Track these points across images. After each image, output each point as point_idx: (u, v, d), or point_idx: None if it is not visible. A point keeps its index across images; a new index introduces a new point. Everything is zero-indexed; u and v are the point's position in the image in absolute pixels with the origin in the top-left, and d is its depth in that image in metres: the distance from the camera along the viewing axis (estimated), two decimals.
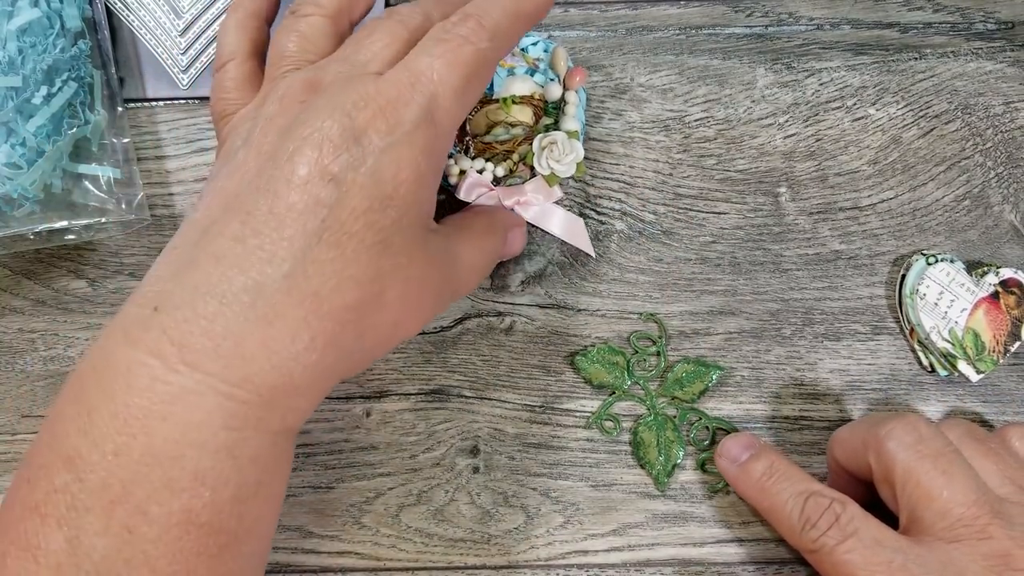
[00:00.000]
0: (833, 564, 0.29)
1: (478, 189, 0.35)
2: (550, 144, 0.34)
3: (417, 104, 0.25)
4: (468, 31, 0.26)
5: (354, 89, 0.25)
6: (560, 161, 0.34)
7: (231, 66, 0.30)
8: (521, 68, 0.36)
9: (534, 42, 0.36)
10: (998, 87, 0.39)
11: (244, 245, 0.24)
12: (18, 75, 0.33)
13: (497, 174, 0.35)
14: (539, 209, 0.36)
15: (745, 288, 0.37)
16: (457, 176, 0.35)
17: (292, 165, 0.24)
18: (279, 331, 0.24)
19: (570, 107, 0.35)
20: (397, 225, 0.25)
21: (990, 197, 0.38)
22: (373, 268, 0.25)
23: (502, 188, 0.35)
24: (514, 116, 0.35)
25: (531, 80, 0.35)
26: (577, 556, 0.35)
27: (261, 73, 0.31)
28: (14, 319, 0.37)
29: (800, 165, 0.38)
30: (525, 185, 0.35)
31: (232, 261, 0.24)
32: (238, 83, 0.30)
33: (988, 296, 0.36)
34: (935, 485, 0.29)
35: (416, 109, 0.25)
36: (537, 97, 0.35)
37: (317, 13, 0.29)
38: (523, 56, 0.36)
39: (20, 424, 0.36)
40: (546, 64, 0.36)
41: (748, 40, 0.39)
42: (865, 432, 0.32)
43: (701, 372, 0.36)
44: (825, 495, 0.31)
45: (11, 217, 0.34)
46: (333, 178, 0.24)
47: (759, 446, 0.34)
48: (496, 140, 0.35)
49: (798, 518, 0.30)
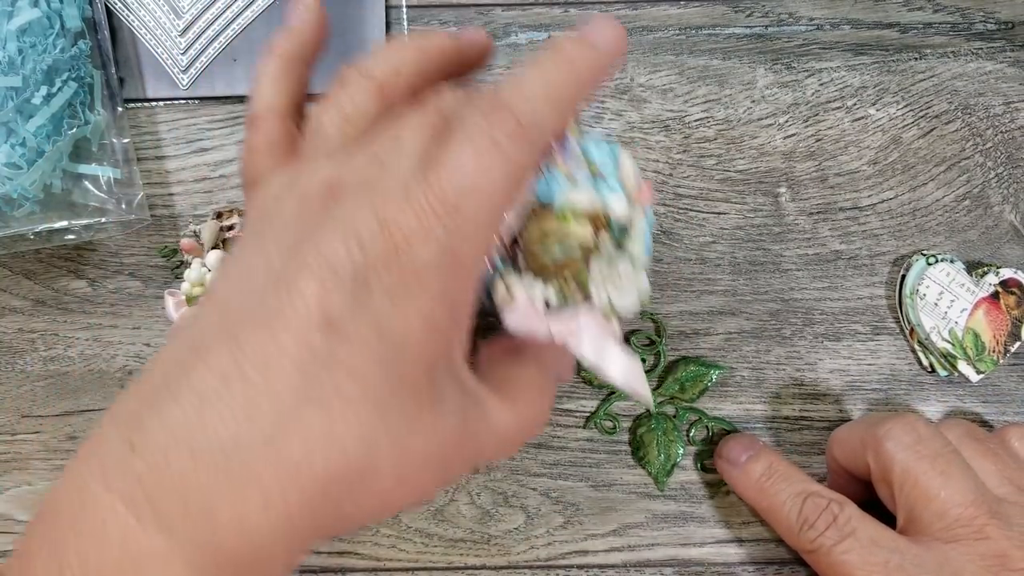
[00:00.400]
0: (830, 564, 0.29)
1: (527, 317, 0.30)
2: (611, 271, 0.30)
3: (436, 240, 0.22)
4: (504, 136, 0.23)
5: (373, 210, 0.23)
6: (621, 292, 0.30)
7: (262, 125, 0.28)
8: (582, 175, 0.31)
9: (598, 145, 0.32)
10: (998, 87, 0.39)
11: (228, 389, 0.21)
12: (18, 75, 0.33)
13: (548, 298, 0.30)
14: (593, 344, 0.31)
15: (745, 288, 0.37)
16: (504, 297, 0.30)
17: (291, 297, 0.22)
18: (252, 498, 0.21)
19: (636, 228, 0.31)
20: (399, 388, 0.22)
21: (990, 197, 0.38)
22: (365, 435, 0.22)
23: (552, 316, 0.30)
24: (571, 231, 0.30)
25: (593, 191, 0.31)
26: (577, 556, 0.35)
27: (296, 131, 0.28)
28: (14, 319, 0.37)
29: (800, 165, 0.38)
30: (580, 315, 0.30)
31: (213, 407, 0.21)
32: (269, 145, 0.28)
33: (988, 296, 0.36)
34: (933, 485, 0.29)
35: (435, 247, 0.22)
36: (598, 212, 0.31)
37: (364, 89, 0.26)
38: (585, 162, 0.31)
39: (20, 424, 0.36)
40: (612, 174, 0.31)
41: (748, 40, 0.39)
42: (864, 432, 0.32)
43: (701, 372, 0.36)
44: (823, 496, 0.31)
45: (11, 217, 0.34)
46: (331, 324, 0.22)
47: (758, 447, 0.34)
48: (549, 255, 0.31)
49: (796, 518, 0.31)
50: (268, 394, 0.21)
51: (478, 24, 0.39)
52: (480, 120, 0.23)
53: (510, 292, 0.30)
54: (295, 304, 0.22)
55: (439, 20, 0.39)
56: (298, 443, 0.21)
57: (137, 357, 0.37)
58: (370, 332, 0.22)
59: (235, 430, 0.21)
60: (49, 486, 0.36)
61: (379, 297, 0.22)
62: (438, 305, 0.23)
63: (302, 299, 0.22)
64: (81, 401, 0.37)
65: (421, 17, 0.39)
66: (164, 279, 0.37)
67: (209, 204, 0.38)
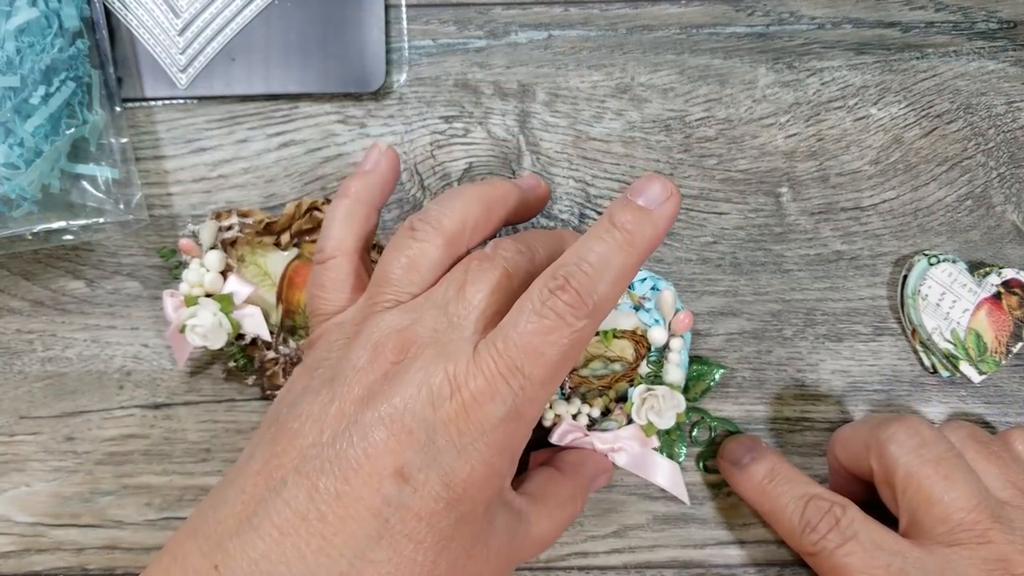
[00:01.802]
0: (833, 567, 0.29)
1: (572, 435, 0.33)
2: (651, 397, 0.33)
3: (503, 401, 0.24)
4: (569, 310, 0.25)
5: (444, 366, 0.25)
6: (660, 414, 0.33)
7: (331, 264, 0.29)
8: (626, 304, 0.35)
9: (642, 279, 0.35)
10: (1000, 87, 0.38)
11: (307, 526, 0.24)
12: (16, 75, 0.33)
13: (592, 415, 0.34)
14: (634, 456, 0.34)
15: (746, 289, 0.37)
16: (552, 419, 0.33)
17: (365, 449, 0.24)
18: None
19: (673, 355, 0.34)
20: (460, 523, 0.25)
21: (992, 197, 0.38)
22: (429, 569, 0.24)
23: (596, 434, 0.34)
24: (614, 351, 0.34)
25: (635, 315, 0.34)
26: (577, 558, 0.35)
27: (364, 271, 0.30)
28: (12, 320, 0.37)
29: (801, 165, 0.38)
30: (621, 431, 0.34)
31: (293, 541, 0.23)
32: (337, 283, 0.29)
33: (990, 297, 0.36)
34: (936, 490, 0.29)
35: (501, 407, 0.25)
36: (640, 333, 0.34)
37: (433, 240, 0.28)
38: (628, 293, 0.34)
39: (18, 425, 0.36)
40: (652, 304, 0.34)
41: (749, 39, 0.39)
42: (867, 434, 0.31)
43: (704, 371, 0.36)
44: (825, 498, 0.30)
45: (9, 218, 0.34)
46: (402, 474, 0.24)
47: (760, 449, 0.34)
48: (593, 375, 0.34)
49: (798, 521, 0.30)
50: (343, 534, 0.23)
51: (478, 24, 0.39)
52: (547, 295, 0.25)
53: (557, 416, 0.33)
54: (369, 454, 0.24)
55: (439, 19, 0.39)
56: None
57: (135, 358, 0.37)
58: (437, 481, 0.24)
59: (313, 564, 0.23)
60: (46, 487, 0.36)
61: (446, 450, 0.24)
62: (499, 455, 0.25)
63: (376, 449, 0.24)
64: (79, 402, 0.36)
65: (421, 16, 0.39)
66: (162, 280, 0.37)
67: (207, 204, 0.38)
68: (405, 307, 0.27)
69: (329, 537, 0.23)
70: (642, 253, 0.26)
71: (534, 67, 0.38)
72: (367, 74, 0.38)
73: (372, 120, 0.38)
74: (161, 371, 0.37)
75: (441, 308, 0.26)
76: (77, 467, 0.36)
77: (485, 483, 0.25)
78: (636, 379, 0.34)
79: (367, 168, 0.31)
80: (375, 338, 0.26)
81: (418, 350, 0.25)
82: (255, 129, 0.38)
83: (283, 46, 0.38)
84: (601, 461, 0.34)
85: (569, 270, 0.25)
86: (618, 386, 0.34)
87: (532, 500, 0.29)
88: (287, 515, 0.24)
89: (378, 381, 0.25)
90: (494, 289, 0.26)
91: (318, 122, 0.38)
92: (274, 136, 0.38)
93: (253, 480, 0.25)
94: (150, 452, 0.36)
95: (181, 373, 0.37)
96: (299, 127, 0.38)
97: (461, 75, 0.38)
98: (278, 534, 0.24)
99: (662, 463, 0.34)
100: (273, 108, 0.38)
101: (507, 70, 0.38)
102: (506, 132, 0.38)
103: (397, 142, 0.38)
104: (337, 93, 0.38)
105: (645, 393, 0.33)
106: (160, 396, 0.37)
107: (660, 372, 0.34)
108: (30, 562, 0.36)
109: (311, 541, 0.23)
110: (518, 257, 0.27)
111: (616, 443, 0.33)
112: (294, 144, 0.38)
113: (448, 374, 0.25)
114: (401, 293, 0.28)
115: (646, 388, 0.33)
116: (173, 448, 0.36)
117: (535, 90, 0.38)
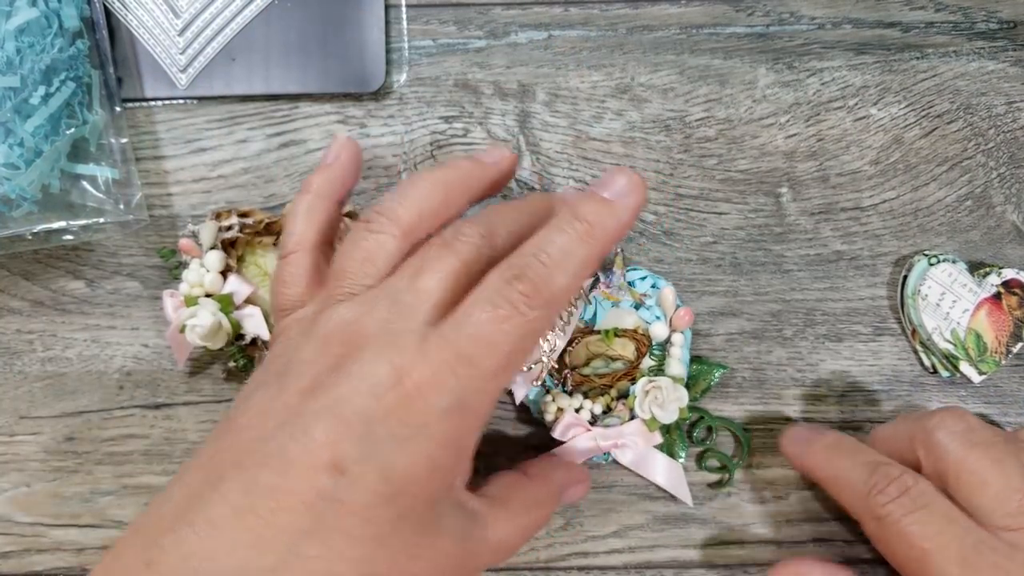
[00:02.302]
0: (899, 533, 0.29)
1: (574, 429, 0.33)
2: (654, 389, 0.33)
3: (449, 391, 0.24)
4: (523, 299, 0.24)
5: (390, 356, 0.24)
6: (663, 407, 0.33)
7: (293, 259, 0.29)
8: (627, 302, 0.35)
9: (642, 277, 0.35)
10: (1000, 87, 0.38)
11: (240, 521, 0.23)
12: (16, 75, 0.33)
13: (594, 412, 0.34)
14: (637, 454, 0.34)
15: (746, 289, 0.37)
16: (554, 414, 0.34)
17: (304, 439, 0.23)
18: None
19: (675, 349, 0.34)
20: (400, 520, 0.24)
21: (992, 197, 0.38)
22: (364, 567, 0.23)
23: (599, 429, 0.34)
24: (616, 350, 0.34)
25: (636, 314, 0.34)
26: (578, 558, 0.35)
27: (326, 265, 0.30)
28: (12, 320, 0.37)
29: (801, 165, 0.38)
30: (624, 427, 0.34)
31: (224, 536, 0.23)
32: (297, 278, 0.29)
33: (990, 297, 0.36)
34: (990, 473, 0.29)
35: (447, 398, 0.24)
36: (641, 332, 0.34)
37: (388, 231, 0.27)
38: (629, 291, 0.35)
39: (18, 425, 0.36)
40: (653, 301, 0.35)
41: (749, 39, 0.39)
42: (911, 426, 0.31)
43: (704, 370, 0.36)
44: (896, 467, 0.30)
45: (9, 218, 0.34)
46: (339, 468, 0.23)
47: (824, 430, 0.34)
48: (595, 373, 0.34)
49: (865, 482, 0.30)
50: (275, 528, 0.23)
51: (478, 24, 0.39)
52: (501, 285, 0.25)
53: (560, 409, 0.33)
54: (307, 446, 0.23)
55: (439, 19, 0.39)
56: (300, 574, 0.23)
57: (135, 358, 0.37)
58: (374, 474, 0.23)
59: (243, 559, 0.23)
60: (46, 487, 0.36)
61: (386, 442, 0.23)
62: (443, 449, 0.24)
63: (313, 442, 0.23)
64: (79, 402, 0.36)
65: (421, 16, 0.39)
66: (162, 280, 0.37)
67: (207, 204, 0.38)
68: (359, 299, 0.26)
69: (260, 532, 0.23)
70: (603, 245, 0.26)
71: (534, 67, 0.38)
72: (367, 74, 0.38)
73: (372, 120, 0.38)
74: (161, 371, 0.37)
75: (393, 298, 0.26)
76: (77, 467, 0.36)
77: (427, 478, 0.24)
78: (637, 376, 0.34)
79: (328, 161, 0.31)
80: (325, 331, 0.26)
81: (366, 341, 0.25)
82: (255, 129, 0.38)
83: (283, 46, 0.38)
84: (576, 471, 0.33)
85: (527, 261, 0.25)
86: (619, 385, 0.35)
87: (491, 503, 0.28)
88: (222, 510, 0.23)
89: (324, 373, 0.25)
90: (449, 277, 0.26)
91: (318, 122, 0.38)
92: (274, 136, 0.38)
93: (194, 475, 0.25)
94: (150, 452, 0.36)
95: (181, 373, 0.37)
96: (299, 127, 0.38)
97: (461, 75, 0.38)
98: (211, 529, 0.23)
99: (665, 463, 0.35)
100: (273, 108, 0.38)
101: (507, 70, 0.38)
102: (506, 132, 0.38)
103: (397, 142, 0.38)
104: (337, 93, 0.38)
105: (648, 385, 0.33)
106: (160, 396, 0.37)
107: (663, 366, 0.34)
108: (30, 562, 0.36)
109: (243, 536, 0.23)
110: (479, 242, 0.26)
111: (619, 439, 0.33)
112: (294, 144, 0.38)
113: (393, 364, 0.24)
114: (356, 286, 0.27)
115: (649, 380, 0.33)
116: (173, 448, 0.36)
117: (535, 90, 0.38)
